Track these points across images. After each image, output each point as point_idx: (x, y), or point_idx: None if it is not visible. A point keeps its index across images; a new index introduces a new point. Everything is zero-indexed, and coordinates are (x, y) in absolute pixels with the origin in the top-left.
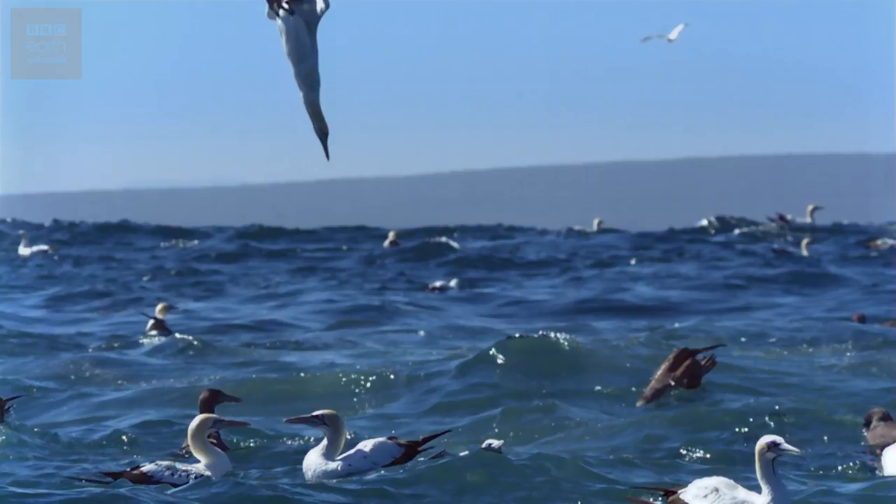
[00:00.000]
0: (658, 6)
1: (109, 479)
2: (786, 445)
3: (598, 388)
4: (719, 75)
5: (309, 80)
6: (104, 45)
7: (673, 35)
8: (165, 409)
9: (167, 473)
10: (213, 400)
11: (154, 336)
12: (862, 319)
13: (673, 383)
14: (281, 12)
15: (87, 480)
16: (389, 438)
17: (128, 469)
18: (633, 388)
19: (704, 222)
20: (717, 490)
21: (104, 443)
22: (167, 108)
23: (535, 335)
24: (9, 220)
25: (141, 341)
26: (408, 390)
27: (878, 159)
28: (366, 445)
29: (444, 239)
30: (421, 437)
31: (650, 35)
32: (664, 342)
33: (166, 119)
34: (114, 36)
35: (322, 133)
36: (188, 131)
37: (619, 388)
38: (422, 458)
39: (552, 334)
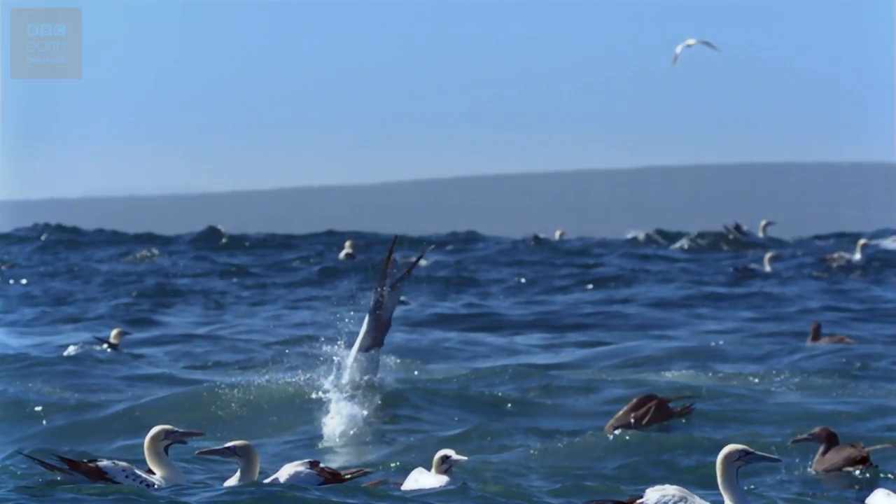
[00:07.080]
0: (626, 15)
1: (65, 467)
2: (760, 452)
3: (553, 420)
4: (683, 84)
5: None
6: (100, 46)
7: (691, 41)
8: (116, 436)
9: (123, 475)
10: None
11: (107, 360)
12: (818, 328)
13: (633, 422)
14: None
15: (42, 464)
16: (312, 464)
17: (84, 461)
18: (593, 421)
19: (652, 232)
20: (684, 500)
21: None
22: (130, 116)
23: (488, 367)
24: None
25: (94, 364)
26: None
27: (838, 168)
28: (281, 474)
29: (412, 258)
30: (349, 471)
31: (676, 54)
32: (623, 371)
33: (128, 127)
34: (109, 37)
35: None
36: (149, 139)
37: (579, 420)
38: (349, 484)
39: (508, 363)
